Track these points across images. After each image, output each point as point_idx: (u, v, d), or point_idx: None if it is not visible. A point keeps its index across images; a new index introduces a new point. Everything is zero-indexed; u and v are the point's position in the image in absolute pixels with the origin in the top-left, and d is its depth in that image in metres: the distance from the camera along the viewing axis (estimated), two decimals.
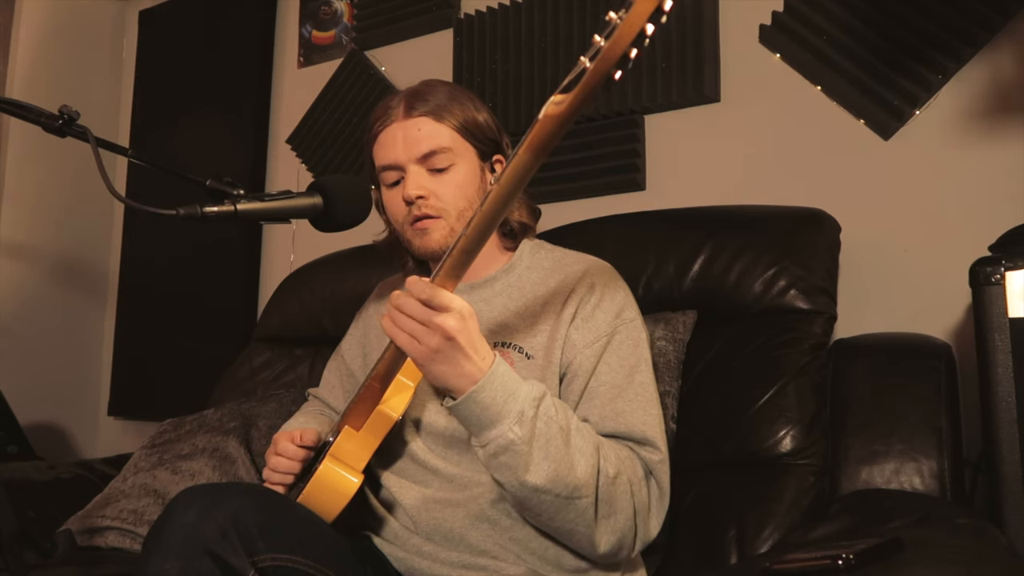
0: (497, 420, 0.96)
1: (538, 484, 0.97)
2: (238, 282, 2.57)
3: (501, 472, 0.99)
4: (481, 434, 0.98)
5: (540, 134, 0.82)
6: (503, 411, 0.96)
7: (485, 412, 0.97)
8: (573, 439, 1.00)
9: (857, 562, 0.84)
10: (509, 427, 0.96)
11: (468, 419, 0.98)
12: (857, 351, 1.41)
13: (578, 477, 0.98)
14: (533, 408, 0.98)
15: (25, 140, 2.66)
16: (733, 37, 1.79)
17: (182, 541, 0.90)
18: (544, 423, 0.98)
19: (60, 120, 1.05)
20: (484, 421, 0.97)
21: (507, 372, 0.99)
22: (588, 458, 1.00)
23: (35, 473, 1.82)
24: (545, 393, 1.01)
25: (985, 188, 1.51)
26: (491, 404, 0.96)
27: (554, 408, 1.00)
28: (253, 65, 2.63)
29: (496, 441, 0.97)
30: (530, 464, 0.97)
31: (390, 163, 1.19)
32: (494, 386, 0.96)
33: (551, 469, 0.97)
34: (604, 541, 1.03)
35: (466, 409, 0.97)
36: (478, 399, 0.96)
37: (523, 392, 0.98)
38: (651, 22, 0.72)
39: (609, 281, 1.20)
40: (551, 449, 0.97)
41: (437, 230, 1.17)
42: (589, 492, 0.99)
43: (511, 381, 0.98)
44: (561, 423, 1.00)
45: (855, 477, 1.28)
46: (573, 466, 0.98)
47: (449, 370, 0.96)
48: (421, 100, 1.19)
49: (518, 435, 0.96)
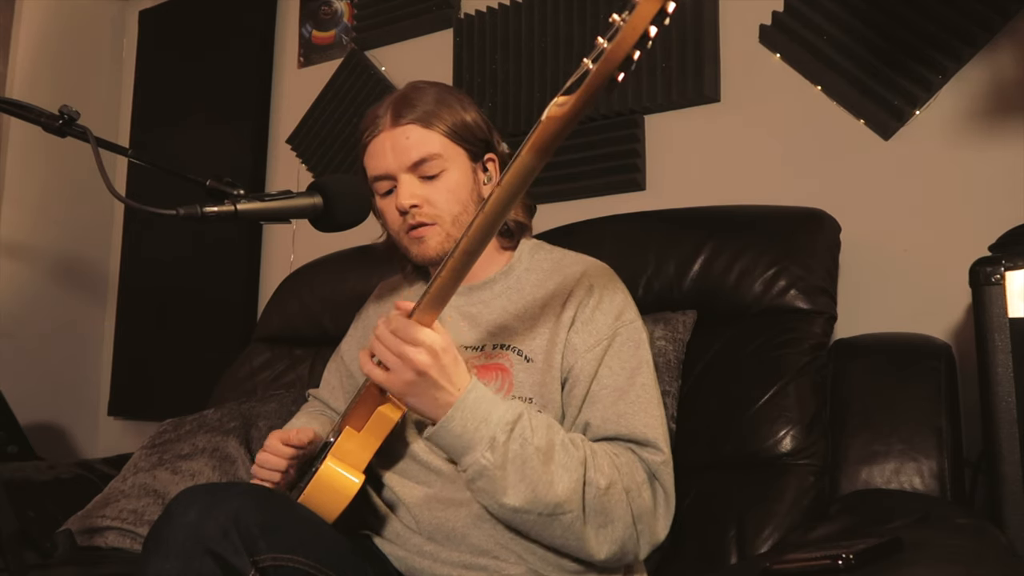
0: (470, 447, 1.00)
1: (516, 506, 1.00)
2: (238, 282, 2.57)
3: (481, 496, 1.03)
4: (460, 460, 1.03)
5: (543, 135, 0.82)
6: (475, 438, 1.00)
7: (458, 440, 1.01)
8: (556, 456, 1.02)
9: (857, 562, 0.84)
10: (481, 454, 0.99)
11: (446, 448, 1.03)
12: (857, 351, 1.41)
13: (558, 495, 1.00)
14: (506, 433, 1.00)
15: (25, 140, 2.66)
16: (733, 37, 1.79)
17: (183, 541, 0.90)
18: (519, 445, 1.00)
19: (60, 120, 1.05)
20: (458, 448, 1.01)
21: (480, 398, 1.01)
22: (572, 473, 1.01)
23: (35, 473, 1.82)
24: (521, 415, 1.02)
25: (985, 188, 1.51)
26: (462, 432, 1.00)
27: (531, 428, 1.02)
28: (253, 65, 2.63)
29: (472, 467, 1.01)
30: (507, 487, 1.00)
31: (381, 173, 1.19)
32: (464, 415, 1.00)
33: (528, 491, 1.00)
34: (603, 550, 1.04)
35: (440, 439, 1.02)
36: (449, 428, 1.00)
37: (495, 416, 1.01)
38: (654, 24, 0.72)
39: (608, 283, 1.20)
40: (527, 471, 1.00)
41: (433, 237, 1.18)
42: (573, 507, 1.01)
43: (484, 407, 1.01)
44: (538, 443, 1.01)
45: (855, 477, 1.28)
46: (553, 484, 1.00)
47: (424, 402, 1.01)
48: (408, 107, 1.18)
49: (490, 461, 0.99)
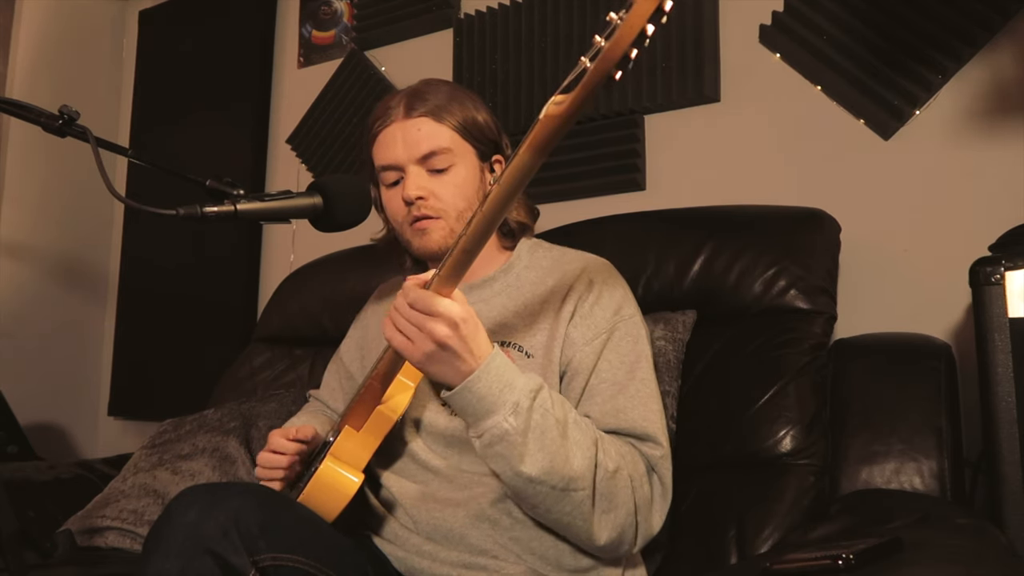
0: (492, 410, 0.97)
1: (533, 475, 0.98)
2: (238, 282, 2.57)
3: (496, 462, 1.00)
4: (477, 424, 0.99)
5: (541, 134, 0.82)
6: (498, 401, 0.97)
7: (480, 402, 0.98)
8: (571, 432, 1.01)
9: (857, 562, 0.84)
10: (504, 417, 0.97)
11: (464, 409, 0.99)
12: (857, 351, 1.41)
13: (574, 469, 0.99)
14: (529, 399, 0.98)
15: (25, 140, 2.66)
16: (733, 37, 1.79)
17: (183, 540, 0.90)
18: (540, 415, 0.98)
19: (60, 120, 1.05)
20: (480, 411, 0.98)
21: (504, 364, 0.99)
22: (585, 451, 1.00)
23: (35, 473, 1.82)
24: (542, 386, 1.01)
25: (985, 188, 1.51)
26: (486, 394, 0.97)
27: (551, 401, 1.01)
28: (253, 65, 2.62)
29: (491, 431, 0.97)
30: (525, 455, 0.97)
31: (390, 163, 1.20)
32: (489, 377, 0.97)
33: (546, 460, 0.98)
34: (604, 535, 1.03)
35: (461, 399, 0.98)
36: (473, 389, 0.97)
37: (520, 383, 0.99)
38: (651, 22, 0.72)
39: (607, 278, 1.20)
40: (546, 441, 0.98)
41: (436, 230, 1.18)
42: (585, 485, 1.00)
43: (508, 373, 0.99)
44: (558, 416, 1.00)
45: (855, 477, 1.28)
46: (569, 458, 0.99)
47: (445, 370, 0.98)
48: (421, 100, 1.19)
49: (512, 425, 0.97)
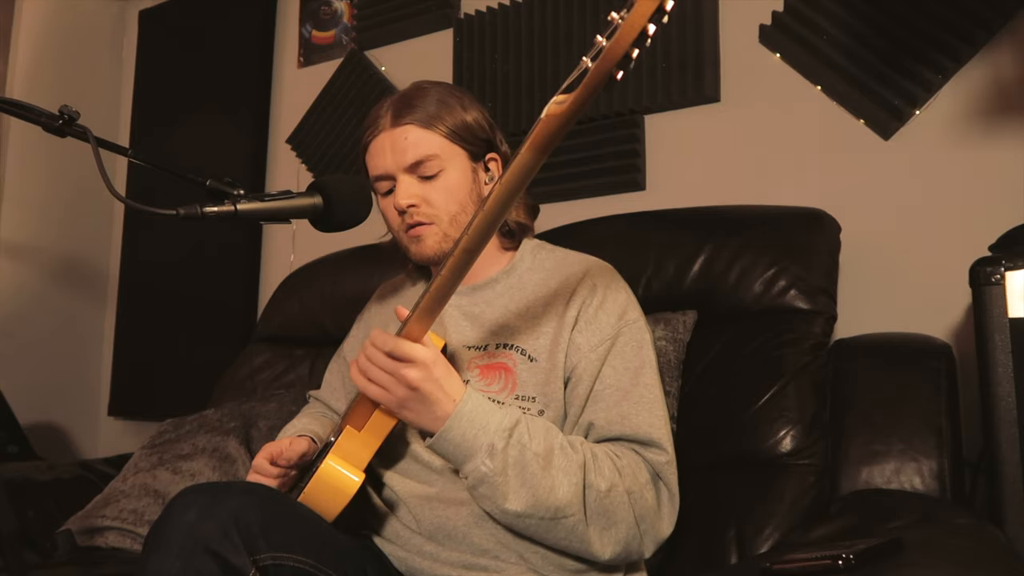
0: (470, 455, 1.01)
1: (518, 511, 1.01)
2: (238, 282, 2.57)
3: (483, 503, 1.04)
4: (460, 468, 1.03)
5: (542, 133, 0.83)
6: (473, 446, 1.01)
7: (458, 449, 1.02)
8: (555, 460, 1.02)
9: (857, 562, 0.84)
10: (481, 461, 1.01)
11: (446, 456, 1.04)
12: (857, 351, 1.41)
13: (559, 498, 1.01)
14: (504, 439, 1.01)
15: (25, 140, 2.66)
16: (733, 37, 1.79)
17: (183, 540, 0.90)
18: (518, 451, 1.01)
19: (60, 120, 1.05)
20: (459, 457, 1.02)
21: (477, 406, 1.02)
22: (571, 477, 1.02)
23: (35, 473, 1.82)
24: (518, 421, 1.03)
25: (985, 188, 1.51)
26: (461, 441, 1.01)
27: (528, 435, 1.03)
28: (253, 65, 2.63)
29: (472, 474, 1.02)
30: (508, 493, 1.01)
31: (381, 173, 1.20)
32: (462, 423, 1.01)
33: (529, 495, 1.01)
34: (607, 551, 1.05)
35: (441, 448, 1.03)
36: (448, 437, 1.02)
37: (493, 424, 1.02)
38: (652, 22, 0.72)
39: (611, 282, 1.20)
40: (527, 476, 1.01)
41: (430, 236, 1.18)
42: (575, 511, 1.02)
43: (481, 415, 1.02)
44: (536, 449, 1.02)
45: (855, 477, 1.28)
46: (554, 488, 1.01)
47: (420, 416, 1.02)
48: (408, 108, 1.19)
49: (490, 467, 1.00)
